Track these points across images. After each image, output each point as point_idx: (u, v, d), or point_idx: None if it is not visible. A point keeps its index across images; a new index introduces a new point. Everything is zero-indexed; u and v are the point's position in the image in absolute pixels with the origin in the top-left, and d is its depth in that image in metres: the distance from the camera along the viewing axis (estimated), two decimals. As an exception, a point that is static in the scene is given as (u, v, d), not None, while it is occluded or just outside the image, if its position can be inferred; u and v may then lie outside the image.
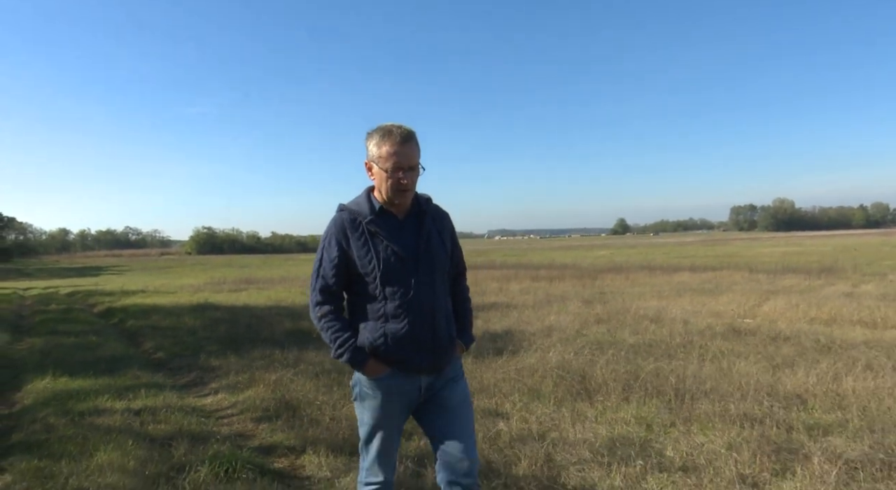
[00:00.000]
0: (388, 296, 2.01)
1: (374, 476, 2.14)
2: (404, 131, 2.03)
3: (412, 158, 2.03)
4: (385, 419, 2.08)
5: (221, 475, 3.02)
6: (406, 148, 2.02)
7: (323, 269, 2.09)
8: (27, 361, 6.82)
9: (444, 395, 2.12)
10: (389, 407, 2.07)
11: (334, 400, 4.40)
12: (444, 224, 2.19)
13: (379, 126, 2.08)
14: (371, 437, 2.12)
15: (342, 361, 2.05)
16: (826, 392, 4.13)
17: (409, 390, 2.08)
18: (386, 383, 2.05)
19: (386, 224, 2.06)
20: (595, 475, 2.84)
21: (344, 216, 2.08)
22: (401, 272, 2.02)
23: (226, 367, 6.06)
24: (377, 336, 2.02)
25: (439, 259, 2.10)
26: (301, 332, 8.22)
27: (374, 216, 2.05)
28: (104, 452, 3.38)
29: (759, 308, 9.78)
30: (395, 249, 2.02)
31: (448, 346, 2.11)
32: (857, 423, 3.48)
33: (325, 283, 2.08)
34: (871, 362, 5.04)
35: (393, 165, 2.00)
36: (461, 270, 2.29)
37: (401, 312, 2.01)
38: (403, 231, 2.07)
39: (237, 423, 4.25)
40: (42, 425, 4.13)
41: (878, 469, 2.78)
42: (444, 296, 2.14)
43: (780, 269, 21.55)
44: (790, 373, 4.70)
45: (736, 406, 3.84)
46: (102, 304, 14.28)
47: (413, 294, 2.01)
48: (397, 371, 2.05)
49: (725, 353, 5.75)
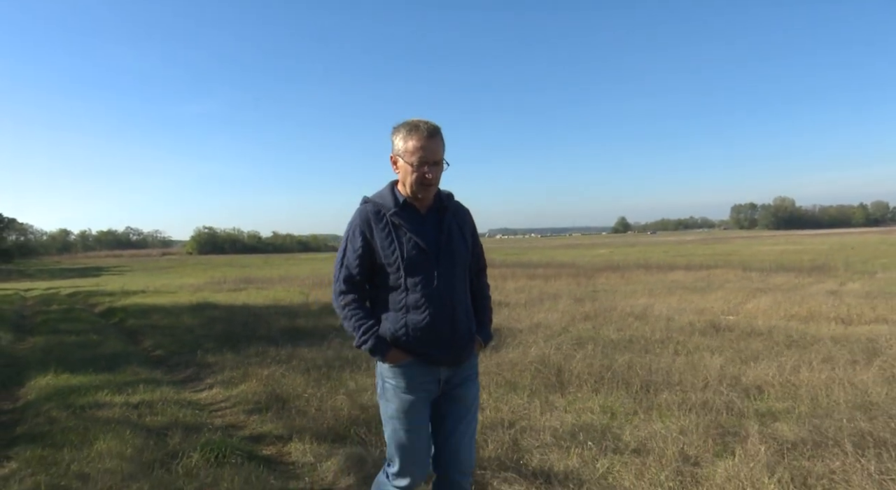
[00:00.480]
0: (410, 287, 2.04)
1: (402, 480, 2.12)
2: (431, 126, 2.06)
3: (437, 153, 2.05)
4: (410, 409, 2.08)
5: (212, 460, 3.27)
6: (432, 143, 2.04)
7: (347, 259, 2.12)
8: (30, 359, 7.07)
9: (460, 392, 2.14)
10: (412, 396, 2.08)
11: (322, 393, 4.64)
12: (465, 220, 2.22)
13: (406, 121, 2.09)
14: (397, 431, 2.09)
15: (364, 349, 2.06)
16: (783, 383, 4.38)
17: (429, 381, 2.10)
18: (407, 372, 2.07)
19: (409, 217, 2.08)
20: (554, 457, 3.08)
21: (368, 208, 2.11)
22: (423, 264, 2.04)
23: (222, 363, 6.30)
24: (398, 326, 2.05)
25: (460, 253, 2.13)
26: (296, 330, 8.46)
27: (398, 209, 2.08)
28: (103, 441, 3.63)
29: (744, 305, 10.01)
30: (418, 242, 2.05)
31: (467, 340, 2.12)
32: (803, 410, 3.72)
33: (348, 273, 2.11)
34: (832, 356, 5.28)
35: (418, 160, 2.02)
36: (481, 267, 2.31)
37: (422, 303, 2.03)
38: (426, 224, 2.10)
39: (230, 415, 4.50)
40: (45, 418, 4.37)
41: (807, 448, 3.02)
42: (464, 290, 2.16)
43: (773, 267, 21.79)
44: (754, 365, 4.94)
45: (697, 396, 4.09)
46: (103, 304, 14.52)
47: (435, 286, 2.04)
48: (417, 361, 2.07)
49: (699, 348, 5.99)
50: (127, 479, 3.01)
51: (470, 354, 2.15)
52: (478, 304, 2.25)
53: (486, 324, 2.26)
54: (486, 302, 2.29)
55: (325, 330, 8.20)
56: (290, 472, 3.34)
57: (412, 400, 2.07)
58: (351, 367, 5.54)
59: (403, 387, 2.07)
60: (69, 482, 3.07)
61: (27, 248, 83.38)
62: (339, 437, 3.67)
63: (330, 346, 6.78)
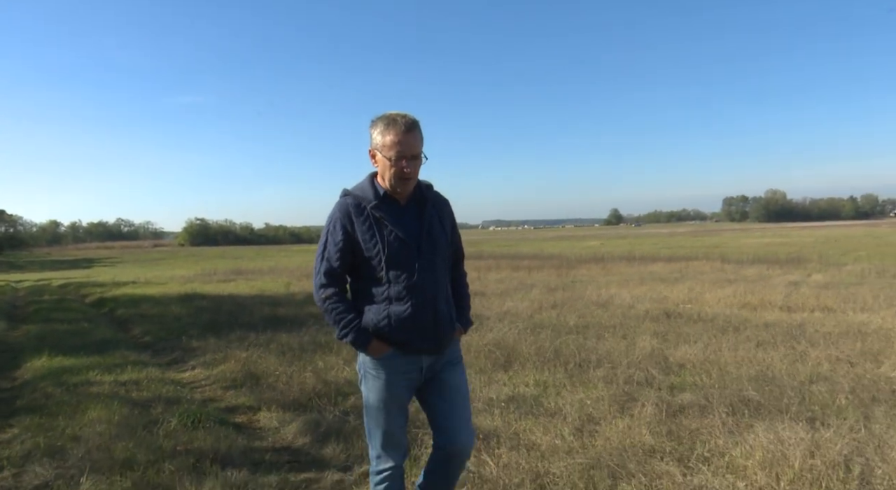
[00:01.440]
0: (392, 279, 2.07)
1: (383, 463, 2.20)
2: (408, 120, 2.07)
3: (415, 148, 2.07)
4: (389, 399, 2.13)
5: (188, 425, 3.76)
6: (409, 137, 2.05)
7: (328, 252, 2.13)
8: (24, 345, 7.52)
9: (444, 377, 2.20)
10: (393, 386, 2.13)
11: (291, 371, 5.14)
12: (445, 211, 2.26)
13: (383, 114, 2.10)
14: (377, 419, 2.17)
15: (346, 341, 2.11)
16: (703, 361, 4.92)
17: (411, 370, 2.14)
18: (389, 363, 2.11)
19: (390, 210, 2.10)
20: (480, 418, 3.60)
21: (349, 201, 2.13)
22: (405, 256, 2.07)
23: (205, 347, 6.78)
24: (381, 318, 2.08)
25: (440, 245, 2.16)
26: (277, 318, 8.94)
27: (379, 201, 2.10)
28: (94, 411, 4.11)
29: (704, 295, 10.55)
30: (399, 234, 2.07)
31: (448, 328, 2.17)
32: (707, 382, 4.27)
33: (329, 266, 2.12)
34: (757, 338, 5.83)
35: (396, 154, 2.04)
36: (460, 256, 2.36)
37: (404, 295, 2.07)
38: (406, 217, 2.13)
39: (208, 391, 5.00)
40: (41, 394, 4.85)
41: (692, 411, 3.55)
42: (445, 280, 2.21)
43: (751, 259, 22.38)
44: (684, 347, 5.48)
45: (623, 371, 4.62)
46: (94, 294, 14.94)
47: (416, 277, 2.07)
48: (399, 352, 2.11)
49: (644, 333, 6.52)
50: (114, 438, 3.51)
51: (450, 341, 2.21)
52: (457, 292, 2.31)
53: (465, 311, 2.33)
54: (465, 289, 2.36)
55: (304, 317, 8.69)
56: (256, 434, 3.85)
57: (393, 389, 2.13)
58: (322, 350, 6.03)
59: (384, 377, 2.12)
60: (64, 442, 3.56)
61: (16, 240, 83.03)
62: (301, 407, 4.18)
63: (307, 332, 7.26)
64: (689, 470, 2.78)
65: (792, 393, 3.88)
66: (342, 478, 3.07)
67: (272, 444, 3.66)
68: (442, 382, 2.19)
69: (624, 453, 2.94)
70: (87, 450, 3.35)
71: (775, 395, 3.84)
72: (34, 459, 3.31)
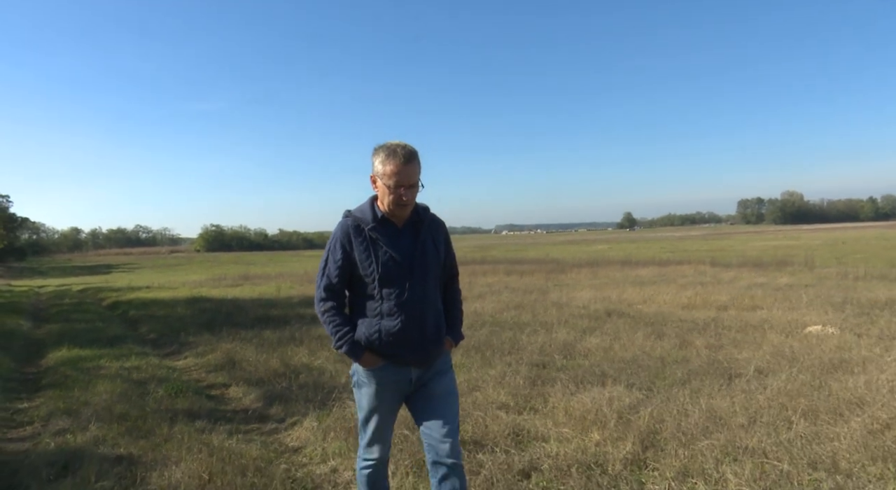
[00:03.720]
0: (385, 296, 2.23)
1: (370, 454, 2.41)
2: (408, 151, 2.22)
3: (413, 177, 2.22)
4: (379, 405, 2.32)
5: (172, 394, 4.88)
6: (408, 167, 2.21)
7: (328, 269, 2.31)
8: (46, 340, 8.73)
9: (432, 386, 2.34)
10: (383, 394, 2.31)
11: (264, 359, 6.24)
12: (439, 232, 2.41)
13: (384, 144, 2.26)
14: (367, 420, 2.37)
15: (341, 352, 2.30)
16: (599, 349, 5.94)
17: (401, 380, 2.30)
18: (379, 374, 2.28)
19: (386, 231, 2.26)
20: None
21: (349, 222, 2.31)
22: (397, 276, 2.23)
23: (199, 342, 7.91)
24: (372, 331, 2.25)
25: (432, 265, 2.32)
26: (268, 318, 10.06)
27: (376, 224, 2.26)
28: (101, 385, 5.24)
29: (660, 297, 11.49)
30: (393, 255, 2.23)
31: (435, 342, 2.31)
32: (591, 363, 5.29)
33: (329, 282, 2.31)
34: (663, 331, 6.83)
35: (395, 183, 2.21)
36: (453, 274, 2.51)
37: (395, 311, 2.23)
38: (401, 238, 2.28)
39: (195, 374, 6.12)
40: (61, 375, 6.01)
41: (556, 382, 4.57)
42: (435, 298, 2.36)
43: (740, 262, 23.16)
44: (593, 338, 6.49)
45: (528, 357, 5.65)
46: (110, 298, 16.25)
47: (407, 296, 2.23)
48: (390, 364, 2.27)
49: (575, 328, 7.52)
50: (115, 402, 4.62)
51: (438, 355, 2.36)
52: (449, 307, 2.45)
53: (456, 326, 2.46)
54: (457, 305, 2.50)
55: (291, 318, 9.81)
56: (223, 401, 4.96)
57: (382, 396, 2.31)
58: (293, 343, 7.14)
59: (375, 385, 2.30)
60: (77, 406, 4.68)
61: (39, 247, 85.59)
62: (263, 383, 5.29)
63: (287, 330, 8.37)
64: (517, 415, 3.83)
65: (642, 369, 4.89)
66: (277, 427, 4.16)
67: (234, 407, 4.77)
68: (429, 391, 2.33)
69: (481, 408, 3.98)
70: (94, 410, 4.46)
71: (626, 371, 4.86)
72: (55, 416, 4.44)
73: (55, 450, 3.66)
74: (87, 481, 3.05)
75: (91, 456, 3.44)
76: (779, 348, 5.61)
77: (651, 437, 3.32)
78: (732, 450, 3.11)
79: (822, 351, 5.38)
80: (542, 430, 3.59)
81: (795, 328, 6.78)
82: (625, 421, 3.54)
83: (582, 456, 3.16)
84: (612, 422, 3.52)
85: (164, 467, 3.23)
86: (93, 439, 3.79)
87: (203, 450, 3.41)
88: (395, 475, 3.06)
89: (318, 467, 3.34)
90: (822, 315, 7.83)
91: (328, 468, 3.31)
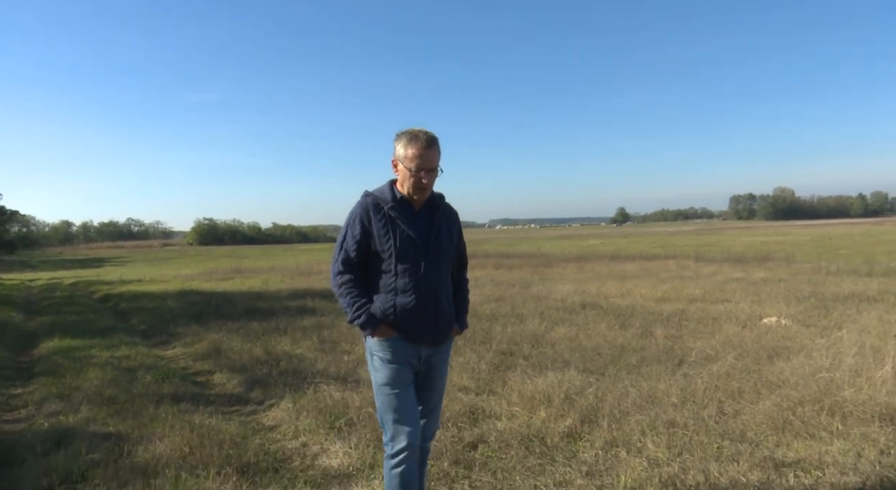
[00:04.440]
0: (400, 272, 2.31)
1: (398, 444, 2.32)
2: (429, 137, 2.33)
3: (433, 161, 2.33)
4: (397, 375, 2.34)
5: (159, 380, 5.19)
6: (429, 152, 2.31)
7: (346, 243, 2.38)
8: (39, 332, 9.00)
9: (432, 373, 2.45)
10: (399, 365, 2.34)
11: (248, 347, 6.55)
12: (453, 220, 2.51)
13: (407, 129, 2.36)
14: (388, 397, 2.34)
15: (357, 323, 2.33)
16: (572, 338, 6.30)
17: (412, 356, 2.37)
18: (394, 345, 2.34)
19: (405, 212, 2.36)
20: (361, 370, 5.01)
21: (369, 200, 2.39)
22: (413, 253, 2.32)
23: (187, 332, 8.20)
24: (388, 306, 2.32)
25: (446, 248, 2.41)
26: (255, 310, 10.36)
27: (395, 204, 2.36)
28: (92, 372, 5.55)
29: (637, 290, 11.87)
30: (410, 234, 2.33)
31: (447, 324, 2.41)
32: (554, 352, 5.65)
33: (346, 256, 2.38)
34: (627, 322, 7.20)
35: (416, 166, 2.30)
36: (463, 263, 2.60)
37: (410, 288, 2.31)
38: (418, 220, 2.38)
39: (182, 362, 6.44)
40: (53, 363, 6.30)
41: (517, 368, 4.93)
42: (447, 281, 2.45)
43: (723, 258, 23.60)
44: (562, 328, 6.85)
45: (497, 345, 6.01)
46: (101, 291, 16.48)
47: (422, 273, 2.31)
48: (402, 338, 2.34)
49: (549, 319, 7.88)
50: (104, 387, 4.93)
51: (448, 337, 2.45)
52: (457, 295, 2.54)
53: (462, 314, 2.55)
54: (465, 294, 2.60)
55: (278, 310, 10.12)
56: (207, 386, 5.29)
57: (398, 368, 2.34)
58: (277, 333, 7.47)
59: (390, 358, 2.34)
60: (69, 391, 4.98)
61: (29, 240, 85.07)
62: (246, 369, 5.61)
63: (273, 321, 8.68)
64: (476, 397, 4.19)
65: (600, 356, 5.26)
66: (256, 409, 4.50)
67: (217, 391, 5.09)
68: (429, 373, 2.44)
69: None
70: (85, 394, 4.77)
71: (586, 358, 5.23)
72: (49, 400, 4.75)
73: (49, 429, 3.98)
74: (78, 454, 3.36)
75: (82, 433, 3.76)
76: (730, 338, 6.00)
77: (591, 414, 3.68)
78: (659, 424, 3.48)
79: (768, 340, 5.77)
80: (496, 409, 3.95)
81: (752, 320, 7.16)
82: (570, 400, 3.89)
83: (526, 430, 3.51)
84: (557, 401, 3.87)
85: (148, 442, 3.56)
86: (84, 419, 4.11)
87: (185, 427, 3.73)
88: (357, 446, 3.41)
89: (290, 442, 3.68)
90: (782, 308, 8.22)
91: (299, 443, 3.65)
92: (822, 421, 3.34)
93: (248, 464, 3.22)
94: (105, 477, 3.04)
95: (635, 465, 2.98)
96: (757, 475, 2.89)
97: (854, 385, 3.72)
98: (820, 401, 3.54)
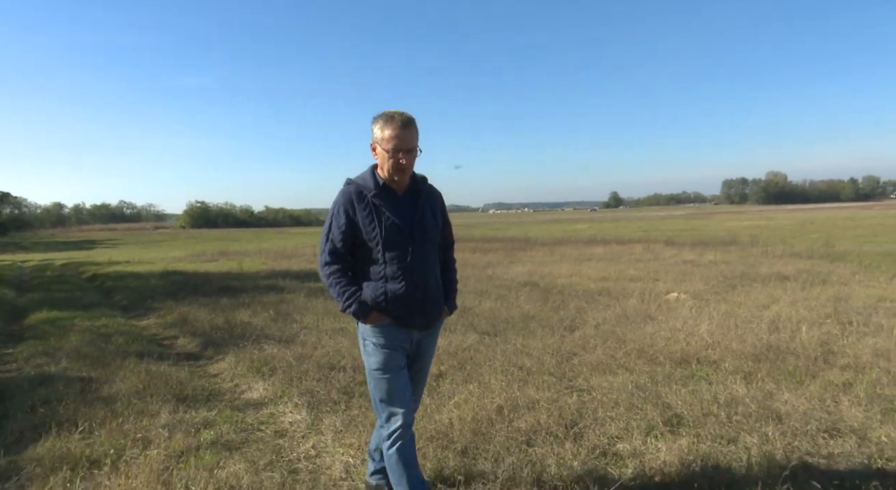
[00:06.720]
0: (388, 260, 2.33)
1: (393, 424, 2.38)
2: (405, 118, 2.32)
3: (411, 142, 2.31)
4: (390, 359, 2.38)
5: (130, 341, 6.13)
6: (406, 132, 2.30)
7: (332, 233, 2.39)
8: (29, 306, 9.88)
9: (422, 353, 2.52)
10: (391, 350, 2.39)
11: (211, 318, 7.47)
12: (437, 202, 2.52)
13: (383, 112, 2.36)
14: (381, 381, 2.39)
15: (349, 312, 2.35)
16: (495, 310, 7.26)
17: (404, 340, 2.42)
18: (385, 330, 2.38)
19: (388, 198, 2.37)
20: (326, 339, 5.94)
21: (352, 189, 2.39)
22: (399, 240, 2.33)
23: (163, 307, 9.11)
24: (378, 294, 2.35)
25: (431, 231, 2.43)
26: (228, 288, 11.24)
27: (378, 190, 2.35)
28: (73, 336, 6.47)
29: (586, 271, 12.81)
30: (395, 221, 2.33)
31: (436, 307, 2.45)
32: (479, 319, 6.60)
33: (333, 246, 2.39)
34: (550, 298, 8.16)
35: (394, 147, 2.29)
36: (450, 243, 2.63)
37: (399, 275, 2.33)
38: (402, 205, 2.38)
39: (153, 330, 7.37)
40: (40, 330, 7.21)
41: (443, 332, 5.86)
42: (435, 264, 2.48)
43: (692, 241, 24.55)
44: (489, 302, 7.80)
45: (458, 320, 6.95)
46: (89, 271, 17.35)
47: (409, 260, 2.33)
48: (394, 323, 2.38)
49: (487, 296, 8.81)
50: (82, 346, 5.86)
51: (437, 319, 2.49)
52: (446, 276, 2.57)
53: (451, 295, 2.58)
54: (453, 275, 2.62)
55: (249, 288, 11.02)
56: (170, 347, 6.24)
57: (391, 352, 2.38)
58: (241, 307, 8.39)
59: (383, 342, 2.38)
60: (53, 350, 5.90)
61: (21, 222, 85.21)
62: (205, 333, 6.55)
63: (243, 298, 9.59)
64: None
65: (508, 324, 6.23)
66: (206, 363, 5.45)
67: (177, 351, 6.04)
68: (419, 356, 2.51)
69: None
70: (66, 352, 5.69)
71: (493, 324, 6.20)
72: (35, 357, 5.67)
73: (34, 374, 4.91)
74: (56, 389, 4.29)
75: (61, 377, 4.69)
76: (626, 310, 6.95)
77: (463, 363, 4.63)
78: (513, 369, 4.43)
79: (653, 310, 6.73)
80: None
81: (658, 295, 8.13)
82: (451, 353, 4.84)
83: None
84: (444, 354, 4.82)
85: (112, 383, 4.49)
86: (63, 369, 5.04)
87: (142, 373, 4.67)
88: (274, 384, 4.35)
89: (225, 384, 4.63)
90: (698, 285, 9.19)
91: (232, 384, 4.59)
92: (629, 363, 4.29)
93: (188, 396, 4.17)
94: (75, 402, 3.97)
95: (472, 391, 3.91)
96: (551, 395, 3.82)
97: (674, 339, 4.67)
98: (642, 350, 4.49)
